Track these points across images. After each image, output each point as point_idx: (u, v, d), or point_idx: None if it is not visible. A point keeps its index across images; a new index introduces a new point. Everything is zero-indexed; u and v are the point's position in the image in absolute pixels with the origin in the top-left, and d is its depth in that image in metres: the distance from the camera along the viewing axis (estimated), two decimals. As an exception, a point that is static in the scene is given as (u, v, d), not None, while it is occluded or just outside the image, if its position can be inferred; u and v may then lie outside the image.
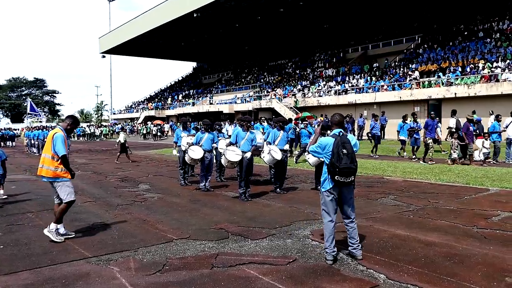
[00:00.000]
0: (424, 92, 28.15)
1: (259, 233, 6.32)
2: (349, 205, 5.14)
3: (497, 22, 32.42)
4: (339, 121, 5.24)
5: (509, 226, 6.45)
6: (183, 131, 11.87)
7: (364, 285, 4.31)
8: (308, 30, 45.26)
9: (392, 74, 34.00)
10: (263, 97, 41.22)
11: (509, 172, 12.05)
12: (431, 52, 33.53)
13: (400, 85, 30.66)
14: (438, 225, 6.65)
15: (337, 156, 4.87)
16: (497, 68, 26.19)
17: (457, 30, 35.05)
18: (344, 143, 4.93)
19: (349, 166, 4.85)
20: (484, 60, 27.86)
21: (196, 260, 5.14)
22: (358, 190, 10.01)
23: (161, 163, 17.74)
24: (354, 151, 4.99)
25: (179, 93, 61.92)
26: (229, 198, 9.49)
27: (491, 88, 24.45)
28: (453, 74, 28.17)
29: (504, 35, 30.02)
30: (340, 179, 4.89)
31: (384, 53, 39.91)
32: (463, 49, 31.16)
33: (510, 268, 4.69)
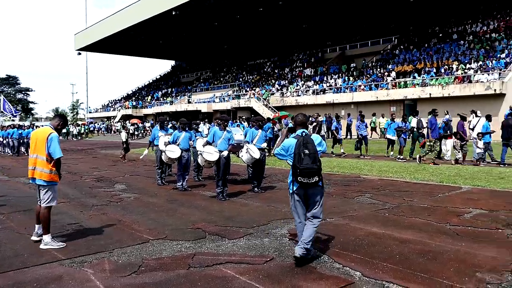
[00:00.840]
0: (400, 92, 28.64)
1: (236, 233, 6.31)
2: (316, 206, 5.01)
3: (470, 25, 33.25)
4: (302, 121, 5.15)
5: (480, 223, 6.62)
6: (160, 131, 11.76)
7: (340, 283, 4.34)
8: (287, 30, 45.44)
9: (369, 74, 34.47)
10: (242, 96, 41.21)
11: (481, 170, 12.36)
12: (407, 53, 34.13)
13: (377, 85, 31.12)
14: (412, 222, 6.77)
15: (298, 156, 4.79)
16: (470, 69, 26.86)
17: (432, 32, 35.78)
18: (306, 143, 4.84)
19: (310, 167, 4.75)
20: (457, 62, 28.53)
21: (172, 261, 5.10)
22: (335, 189, 10.13)
23: (138, 163, 17.53)
24: (317, 151, 4.89)
25: (157, 92, 61.33)
26: (206, 198, 9.45)
27: (464, 89, 25.04)
28: (428, 75, 28.75)
29: (477, 38, 30.80)
30: (303, 180, 4.79)
31: (361, 53, 40.43)
32: (438, 51, 31.83)
33: (481, 263, 4.81)
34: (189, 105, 46.66)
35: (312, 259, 5.02)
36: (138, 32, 47.43)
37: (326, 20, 41.34)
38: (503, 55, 26.50)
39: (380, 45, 39.42)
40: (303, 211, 5.06)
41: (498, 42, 28.54)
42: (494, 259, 4.95)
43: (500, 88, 23.46)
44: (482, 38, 30.33)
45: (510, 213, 7.29)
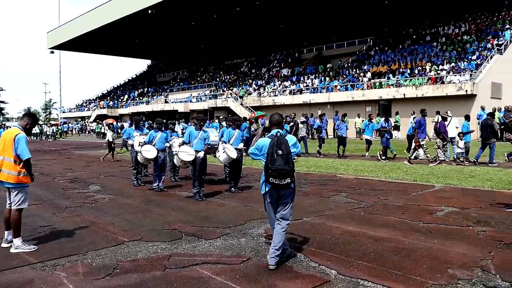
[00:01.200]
0: (375, 92, 29.08)
1: (213, 233, 6.28)
2: (285, 207, 4.93)
3: (442, 27, 34.03)
4: (277, 121, 5.06)
5: (451, 220, 6.78)
6: (135, 130, 11.62)
7: (316, 281, 4.38)
8: (264, 30, 45.55)
9: (345, 74, 34.87)
10: (219, 96, 41.09)
11: (453, 169, 12.66)
12: (382, 54, 34.69)
13: (352, 86, 31.51)
14: (387, 221, 6.88)
15: (271, 157, 4.71)
16: (443, 70, 27.48)
17: (406, 33, 36.46)
18: (280, 144, 4.75)
19: (282, 168, 4.66)
20: (431, 63, 29.15)
21: (148, 262, 5.04)
22: (311, 188, 10.20)
23: (113, 163, 17.27)
24: (290, 152, 4.80)
25: (133, 91, 60.55)
26: (183, 198, 9.38)
27: (437, 90, 25.61)
28: (402, 75, 29.28)
29: (449, 40, 31.54)
30: (275, 181, 4.69)
31: (337, 54, 40.88)
32: (412, 52, 32.45)
33: (453, 260, 4.93)
34: (166, 105, 46.24)
35: (288, 258, 5.05)
36: (113, 30, 46.72)
37: (303, 20, 41.62)
38: (474, 57, 27.20)
39: (355, 46, 39.95)
40: (275, 213, 5.00)
41: (470, 44, 29.28)
42: (465, 256, 5.07)
43: (471, 89, 24.08)
44: (454, 40, 31.09)
45: (480, 210, 7.50)
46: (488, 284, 4.24)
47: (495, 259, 4.96)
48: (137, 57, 69.82)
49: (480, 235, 5.99)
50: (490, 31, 29.58)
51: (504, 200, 8.15)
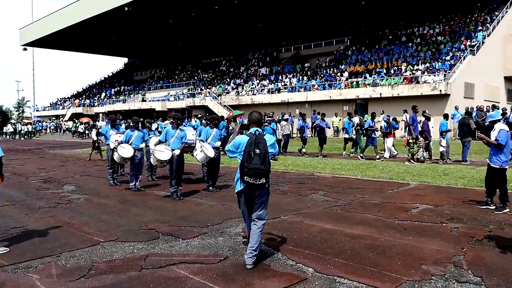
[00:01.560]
0: (353, 92, 29.40)
1: (190, 232, 6.25)
2: (261, 208, 4.89)
3: (418, 28, 34.64)
4: (257, 119, 4.97)
5: (426, 218, 6.92)
6: (111, 129, 11.45)
7: (293, 279, 4.40)
8: (242, 29, 45.49)
9: (322, 74, 35.14)
10: (197, 95, 40.85)
11: (428, 167, 12.92)
12: (359, 54, 35.10)
13: (330, 85, 31.78)
14: (363, 218, 6.97)
15: (248, 155, 4.64)
16: (418, 70, 27.98)
17: (383, 34, 36.98)
18: (258, 142, 4.68)
19: (259, 167, 4.59)
20: (406, 63, 29.65)
21: (124, 263, 4.97)
22: (289, 187, 10.25)
23: (88, 163, 16.97)
24: (267, 152, 4.72)
25: (110, 90, 59.63)
26: (160, 198, 9.29)
27: (412, 89, 26.06)
28: (379, 75, 29.69)
29: (424, 40, 32.14)
30: (250, 180, 4.63)
31: (315, 53, 41.15)
32: (388, 52, 32.93)
33: (426, 256, 5.03)
34: (143, 104, 45.70)
35: (264, 256, 5.06)
36: (89, 27, 45.86)
37: (281, 20, 41.74)
38: (448, 58, 27.79)
39: (333, 45, 40.28)
40: (249, 212, 5.00)
41: (444, 45, 29.90)
42: (438, 252, 5.18)
43: (445, 89, 24.60)
44: (429, 41, 31.69)
45: (453, 207, 7.67)
46: (460, 279, 4.34)
47: (467, 255, 5.08)
48: (114, 55, 68.82)
49: (453, 231, 6.13)
50: (463, 33, 30.26)
51: (476, 197, 8.36)
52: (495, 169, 7.30)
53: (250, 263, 4.72)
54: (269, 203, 5.10)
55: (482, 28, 29.51)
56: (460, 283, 4.25)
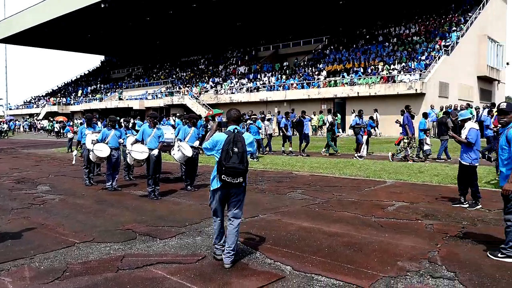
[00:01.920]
0: (330, 91, 29.66)
1: (168, 232, 6.20)
2: (237, 206, 4.86)
3: (394, 28, 35.17)
4: (236, 117, 4.93)
5: (401, 215, 7.04)
6: (87, 128, 11.25)
7: (271, 278, 4.41)
8: (221, 27, 45.32)
9: (301, 73, 35.33)
10: (175, 93, 40.53)
11: (403, 165, 13.13)
12: (337, 53, 35.40)
13: (308, 84, 31.97)
14: (340, 216, 7.04)
15: (226, 154, 4.58)
16: (394, 70, 28.41)
17: (360, 33, 37.39)
18: (236, 141, 4.63)
19: (237, 166, 4.56)
20: (383, 63, 30.07)
21: (100, 264, 4.90)
22: (268, 186, 10.27)
23: (64, 162, 16.64)
24: (246, 151, 4.69)
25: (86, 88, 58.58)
26: (137, 197, 9.18)
27: (389, 89, 26.46)
28: (356, 74, 30.02)
29: (400, 40, 32.65)
30: (227, 179, 4.58)
31: (294, 52, 41.34)
32: (365, 52, 33.32)
33: (402, 253, 5.11)
34: (120, 102, 45.08)
35: (242, 256, 5.05)
36: (63, 24, 44.91)
37: (260, 18, 41.76)
38: (423, 57, 28.30)
39: (311, 44, 40.54)
40: (223, 211, 4.94)
41: (419, 45, 30.44)
42: (413, 248, 5.27)
43: (421, 88, 25.05)
44: (404, 41, 32.21)
45: (428, 204, 7.82)
46: (435, 275, 4.43)
47: (441, 250, 5.19)
48: (90, 53, 67.62)
49: (427, 228, 6.24)
50: (438, 33, 30.87)
51: (450, 194, 8.54)
52: (465, 166, 7.49)
53: (228, 263, 4.72)
54: (248, 202, 5.12)
55: (456, 28, 30.16)
56: (434, 278, 4.34)
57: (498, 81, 36.87)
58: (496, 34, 34.61)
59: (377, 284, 4.21)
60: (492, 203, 7.86)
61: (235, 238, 4.80)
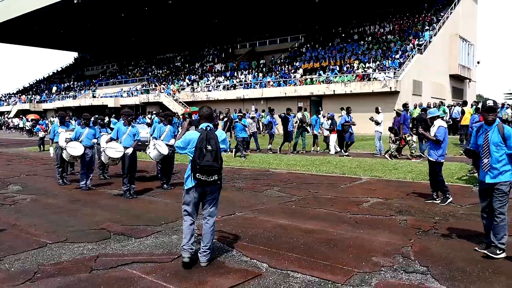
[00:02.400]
0: (307, 88, 29.87)
1: (143, 231, 6.12)
2: (212, 205, 4.82)
3: (369, 27, 35.67)
4: (209, 114, 4.87)
5: (376, 211, 7.14)
6: (60, 126, 11.00)
7: (247, 275, 4.41)
8: (197, 24, 45.01)
9: (278, 71, 35.45)
10: (151, 91, 40.08)
11: (378, 162, 13.33)
12: (313, 51, 35.66)
13: (285, 82, 32.11)
14: (317, 213, 7.10)
15: (200, 152, 4.52)
16: (369, 68, 28.82)
17: (336, 32, 37.78)
18: (209, 139, 4.57)
19: (211, 164, 4.51)
20: (358, 61, 30.47)
21: (73, 265, 4.80)
22: (245, 183, 10.27)
23: (36, 161, 16.24)
24: (219, 149, 4.64)
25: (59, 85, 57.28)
26: (112, 196, 9.04)
27: (364, 87, 26.83)
28: (332, 72, 30.31)
29: (375, 39, 33.14)
30: (202, 177, 4.51)
31: (270, 50, 41.49)
32: (341, 50, 33.70)
33: (376, 248, 5.19)
34: (94, 100, 44.29)
35: (218, 254, 5.04)
36: (34, 20, 43.83)
37: (237, 16, 41.69)
38: (397, 56, 28.81)
39: (288, 42, 40.74)
40: (197, 211, 4.85)
41: (393, 44, 30.96)
42: (388, 244, 5.36)
43: (395, 86, 25.50)
44: (379, 40, 32.72)
45: (402, 200, 7.97)
46: (408, 269, 4.51)
47: (414, 246, 5.29)
48: (63, 49, 66.17)
49: (401, 224, 6.36)
50: (411, 32, 31.46)
51: (423, 190, 8.71)
52: (432, 162, 7.66)
53: (205, 261, 4.70)
54: (224, 200, 5.10)
55: (429, 28, 30.81)
56: (407, 273, 4.42)
57: (469, 80, 37.85)
58: (467, 34, 35.51)
59: (352, 279, 4.26)
60: (464, 198, 8.07)
61: (211, 236, 4.78)
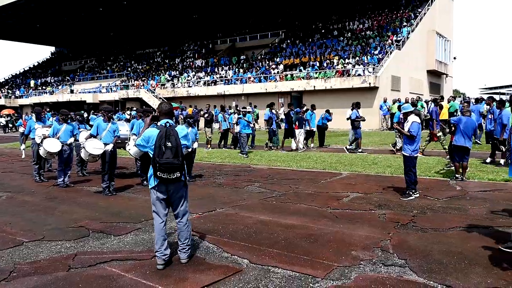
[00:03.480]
0: (287, 84, 29.92)
1: (123, 229, 6.06)
2: (179, 205, 4.67)
3: (348, 23, 35.90)
4: (168, 110, 4.75)
5: (356, 206, 7.22)
6: (37, 122, 10.77)
7: (228, 271, 4.41)
8: (177, 20, 44.60)
9: (258, 66, 35.41)
10: (131, 86, 39.57)
11: (358, 157, 13.47)
12: (293, 47, 35.72)
13: (266, 78, 32.10)
14: (297, 208, 7.13)
15: (159, 149, 4.39)
16: (349, 64, 29.03)
17: (316, 28, 37.90)
18: (169, 135, 4.44)
19: (171, 161, 4.37)
20: (338, 57, 30.65)
21: (50, 263, 4.72)
22: (225, 180, 10.25)
23: (12, 158, 15.89)
24: (180, 145, 4.51)
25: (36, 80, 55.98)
26: (91, 194, 8.92)
27: (344, 82, 27.02)
28: (313, 68, 30.44)
29: (354, 35, 33.38)
30: (163, 175, 4.38)
31: (251, 46, 41.36)
32: (321, 46, 33.83)
33: (356, 242, 5.25)
34: (72, 95, 43.41)
35: (199, 250, 5.02)
36: (9, 14, 42.72)
37: (217, 11, 41.44)
38: (376, 52, 29.10)
39: (268, 38, 40.70)
40: (165, 210, 4.67)
41: (372, 40, 31.25)
42: (367, 238, 5.43)
43: (374, 81, 25.76)
44: (358, 36, 32.98)
45: (381, 195, 8.08)
46: (387, 262, 4.58)
47: (393, 239, 5.37)
48: (40, 43, 64.61)
49: (380, 218, 6.44)
50: (390, 28, 31.81)
51: (401, 184, 8.80)
52: (406, 157, 7.79)
53: (185, 258, 4.69)
54: (205, 196, 5.08)
55: (406, 24, 31.19)
56: (386, 266, 4.48)
57: (446, 75, 38.54)
58: (444, 30, 36.11)
59: (332, 274, 4.30)
60: (441, 191, 8.23)
61: (187, 233, 4.72)
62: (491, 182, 9.14)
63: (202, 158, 14.24)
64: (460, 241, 5.23)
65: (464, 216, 6.39)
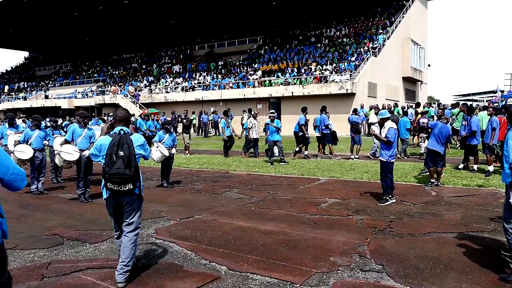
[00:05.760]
0: (266, 90, 30.03)
1: (99, 236, 5.94)
2: (131, 216, 4.36)
3: (325, 30, 36.35)
4: (123, 117, 4.47)
5: (334, 211, 7.27)
6: (9, 128, 10.50)
7: (206, 278, 4.37)
8: (154, 25, 44.34)
9: (236, 72, 35.45)
10: (107, 92, 39.04)
11: (336, 163, 13.59)
12: (271, 53, 35.92)
13: (244, 83, 32.15)
14: (276, 214, 7.13)
15: (109, 158, 4.10)
16: (326, 70, 29.35)
17: (294, 34, 38.22)
18: (122, 144, 4.14)
19: (122, 172, 4.06)
20: (315, 63, 30.97)
21: (23, 272, 4.59)
22: (204, 186, 10.18)
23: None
24: (134, 155, 4.19)
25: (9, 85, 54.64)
26: (66, 201, 8.73)
27: (321, 88, 27.28)
28: (291, 74, 30.66)
29: (331, 42, 33.81)
30: (114, 186, 4.10)
31: (229, 52, 41.41)
32: (299, 52, 34.12)
33: (334, 248, 5.28)
34: (47, 101, 42.55)
35: (176, 257, 4.96)
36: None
37: (195, 17, 41.38)
38: (353, 59, 29.52)
39: (246, 44, 40.82)
40: (117, 222, 4.49)
41: (349, 47, 31.71)
42: (345, 243, 5.46)
43: (351, 88, 26.10)
44: (335, 42, 33.41)
45: (358, 200, 8.16)
46: (364, 268, 4.61)
47: (370, 244, 5.42)
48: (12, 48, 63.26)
49: (358, 223, 6.50)
50: (366, 35, 32.34)
51: (379, 190, 8.92)
52: (383, 162, 7.90)
53: (122, 281, 4.18)
54: (183, 202, 5.03)
55: (382, 31, 31.77)
56: (364, 271, 4.52)
57: (421, 82, 39.38)
58: (418, 37, 36.94)
59: (310, 280, 4.31)
60: (417, 197, 8.36)
61: (130, 251, 4.29)
62: (465, 187, 9.35)
63: (180, 164, 14.13)
64: (435, 246, 5.32)
65: (440, 221, 6.51)
